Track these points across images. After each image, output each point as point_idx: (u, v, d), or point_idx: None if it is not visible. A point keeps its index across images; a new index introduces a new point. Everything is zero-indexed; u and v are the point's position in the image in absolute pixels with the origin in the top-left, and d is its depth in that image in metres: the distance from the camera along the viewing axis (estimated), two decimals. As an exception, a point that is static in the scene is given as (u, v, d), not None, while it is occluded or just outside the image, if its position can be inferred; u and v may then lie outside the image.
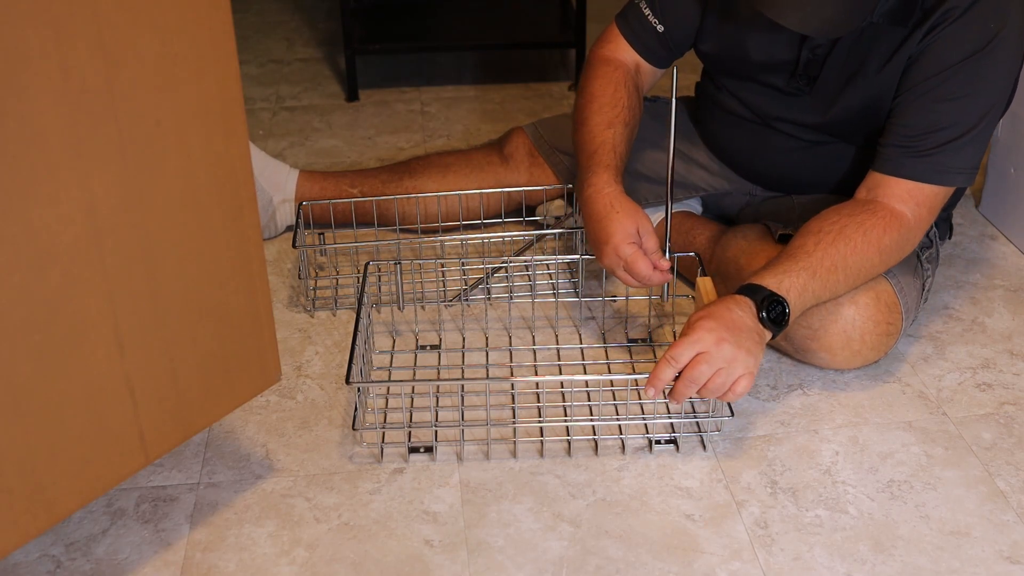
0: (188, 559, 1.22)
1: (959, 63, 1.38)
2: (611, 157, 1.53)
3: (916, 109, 1.42)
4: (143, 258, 1.04)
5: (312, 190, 1.83)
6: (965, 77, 1.39)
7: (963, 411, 1.44)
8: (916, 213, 1.41)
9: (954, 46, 1.38)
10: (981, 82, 1.39)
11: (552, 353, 1.56)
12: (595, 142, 1.54)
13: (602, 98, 1.59)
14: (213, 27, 1.03)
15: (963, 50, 1.38)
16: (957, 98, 1.40)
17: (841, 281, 1.37)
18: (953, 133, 1.40)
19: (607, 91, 1.59)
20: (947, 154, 1.40)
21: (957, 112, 1.40)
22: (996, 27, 1.37)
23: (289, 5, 3.09)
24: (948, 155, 1.40)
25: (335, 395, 1.48)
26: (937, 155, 1.40)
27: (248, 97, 2.45)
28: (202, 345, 1.14)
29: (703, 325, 1.28)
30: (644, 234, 1.45)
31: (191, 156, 1.05)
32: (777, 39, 1.51)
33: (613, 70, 1.61)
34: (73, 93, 0.93)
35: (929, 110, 1.41)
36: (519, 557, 1.22)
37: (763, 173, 1.70)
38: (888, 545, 1.24)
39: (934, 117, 1.40)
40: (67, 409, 1.02)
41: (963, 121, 1.40)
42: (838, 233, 1.37)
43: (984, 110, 1.41)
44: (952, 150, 1.40)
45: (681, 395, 1.29)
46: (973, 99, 1.40)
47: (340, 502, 1.30)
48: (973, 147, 1.42)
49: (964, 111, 1.40)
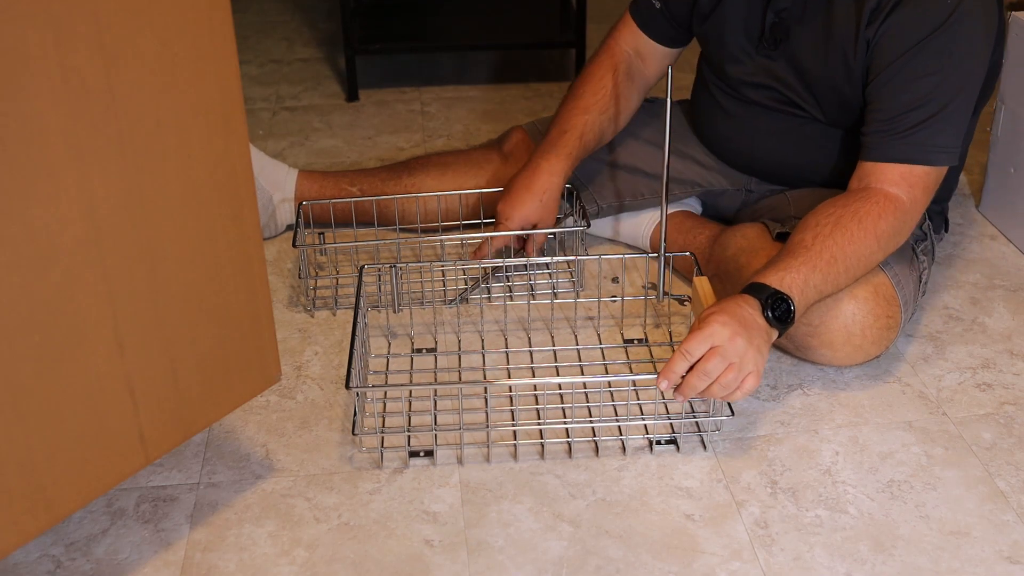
0: (188, 559, 1.22)
1: (921, 41, 1.41)
2: (575, 145, 1.65)
3: (888, 92, 1.44)
4: (143, 258, 1.04)
5: (312, 190, 1.83)
6: (929, 54, 1.41)
7: (963, 411, 1.44)
8: (911, 195, 1.43)
9: (912, 26, 1.41)
10: (947, 58, 1.41)
11: (549, 354, 1.56)
12: (567, 124, 1.66)
13: (588, 83, 1.69)
14: (213, 27, 1.03)
15: (922, 28, 1.40)
16: (925, 76, 1.42)
17: (842, 272, 1.37)
18: (928, 111, 1.42)
19: (595, 75, 1.69)
20: (925, 132, 1.42)
21: (928, 89, 1.42)
22: (954, 2, 1.39)
23: (289, 5, 3.09)
24: (928, 133, 1.42)
25: (335, 395, 1.48)
26: (917, 134, 1.42)
27: (248, 97, 2.45)
28: (202, 345, 1.14)
29: (717, 319, 1.28)
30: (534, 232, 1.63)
31: (191, 156, 1.05)
32: (753, 6, 1.56)
33: (608, 57, 1.70)
34: (73, 93, 0.93)
35: (900, 90, 1.43)
36: (519, 557, 1.22)
37: (753, 160, 1.71)
38: (888, 545, 1.24)
39: (906, 97, 1.43)
40: (67, 409, 1.02)
41: (936, 98, 1.42)
42: (834, 224, 1.38)
43: (956, 86, 1.43)
44: (931, 127, 1.42)
45: (692, 388, 1.28)
46: (942, 75, 1.42)
47: (340, 502, 1.30)
48: (952, 124, 1.44)
49: (935, 88, 1.42)
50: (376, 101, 2.45)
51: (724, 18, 1.60)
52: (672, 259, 1.64)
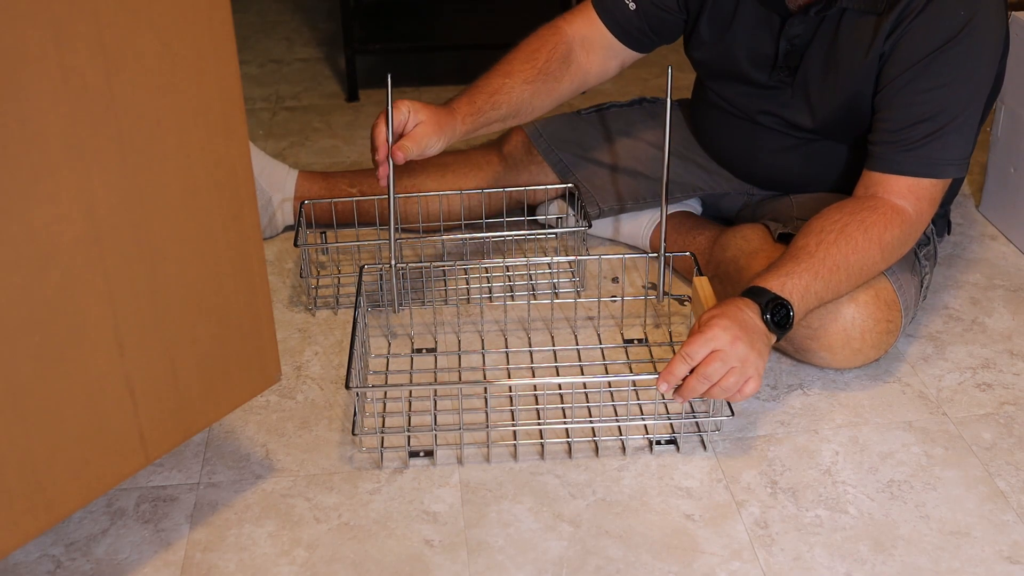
0: (188, 559, 1.22)
1: (932, 53, 1.39)
2: (482, 101, 1.54)
3: (898, 103, 1.43)
4: (143, 258, 1.04)
5: (312, 190, 1.83)
6: (940, 67, 1.40)
7: (963, 411, 1.44)
8: (917, 207, 1.42)
9: (924, 37, 1.39)
10: (958, 70, 1.40)
11: (549, 354, 1.56)
12: (484, 82, 1.56)
13: (523, 52, 1.60)
14: (213, 27, 1.03)
15: (934, 40, 1.39)
16: (935, 88, 1.40)
17: (844, 280, 1.37)
18: (937, 124, 1.40)
19: (530, 46, 1.60)
20: (935, 145, 1.41)
21: (938, 102, 1.40)
22: (967, 15, 1.38)
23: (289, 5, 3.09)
24: (936, 146, 1.41)
25: (335, 395, 1.48)
26: (925, 147, 1.41)
27: (248, 97, 2.45)
28: (202, 345, 1.14)
29: (717, 323, 1.27)
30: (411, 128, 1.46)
31: (191, 156, 1.05)
32: (759, 34, 1.53)
33: (551, 34, 1.62)
34: (73, 93, 0.93)
35: (910, 102, 1.42)
36: (519, 557, 1.22)
37: (756, 173, 1.70)
38: (888, 545, 1.24)
39: (916, 109, 1.41)
40: (67, 409, 1.02)
41: (945, 111, 1.40)
42: (840, 232, 1.37)
43: (966, 99, 1.41)
44: (939, 140, 1.41)
45: (692, 391, 1.28)
46: (952, 88, 1.40)
47: (340, 502, 1.30)
48: (961, 137, 1.42)
49: (945, 100, 1.40)
50: (376, 101, 2.45)
51: (731, 46, 1.57)
52: (672, 259, 1.63)
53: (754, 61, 1.56)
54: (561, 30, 1.63)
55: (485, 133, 1.60)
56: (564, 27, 1.63)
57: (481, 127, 1.56)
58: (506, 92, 1.56)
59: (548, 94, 1.61)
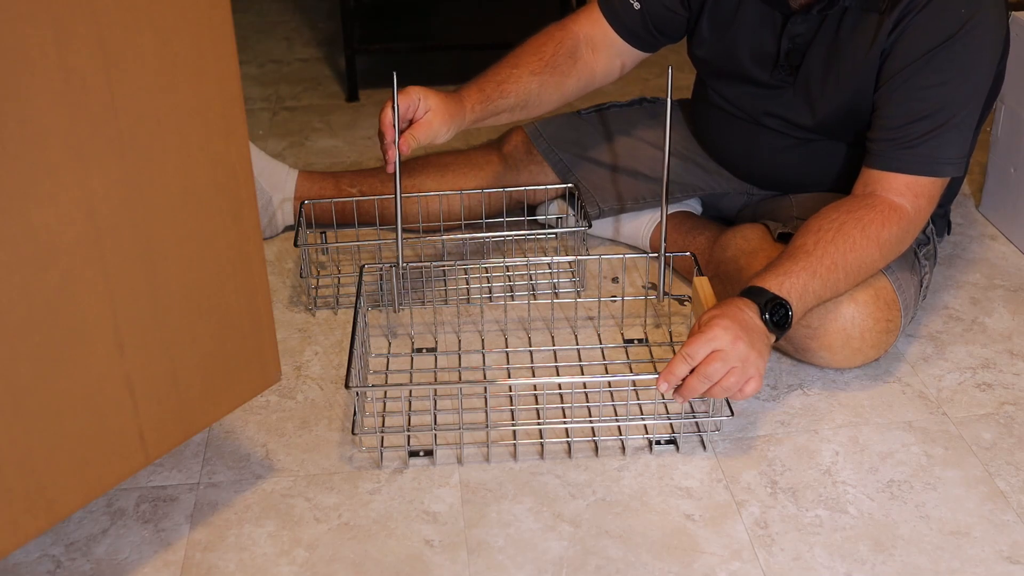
0: (188, 559, 1.22)
1: (932, 51, 1.39)
2: (491, 89, 1.56)
3: (896, 100, 1.43)
4: (143, 258, 1.04)
5: (312, 190, 1.83)
6: (940, 64, 1.40)
7: (963, 411, 1.44)
8: (915, 205, 1.42)
9: (925, 34, 1.39)
10: (957, 69, 1.40)
11: (549, 354, 1.56)
12: (492, 72, 1.59)
13: (530, 46, 1.62)
14: (213, 27, 1.03)
15: (934, 38, 1.39)
16: (935, 86, 1.40)
17: (842, 279, 1.37)
18: (936, 121, 1.40)
19: (538, 41, 1.62)
20: (933, 143, 1.41)
21: (937, 100, 1.40)
22: (968, 13, 1.38)
23: (289, 5, 3.09)
24: (935, 144, 1.41)
25: (335, 395, 1.48)
26: (924, 145, 1.41)
27: (248, 97, 2.45)
28: (202, 345, 1.14)
29: (718, 323, 1.27)
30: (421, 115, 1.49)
31: (191, 156, 1.05)
32: (761, 33, 1.53)
33: (558, 30, 1.64)
34: (73, 93, 0.93)
35: (909, 99, 1.42)
36: (519, 557, 1.22)
37: (756, 172, 1.70)
38: (888, 545, 1.24)
39: (915, 106, 1.41)
40: (67, 409, 1.02)
41: (944, 109, 1.40)
42: (837, 231, 1.37)
43: (965, 97, 1.41)
44: (938, 138, 1.41)
45: (693, 391, 1.27)
46: (951, 86, 1.40)
47: (340, 502, 1.30)
48: (959, 135, 1.42)
49: (944, 98, 1.40)
50: (376, 101, 2.45)
51: (733, 44, 1.57)
52: (672, 259, 1.64)
53: (756, 60, 1.56)
54: (567, 28, 1.65)
55: (493, 124, 1.61)
56: (570, 26, 1.65)
57: (490, 116, 1.57)
58: (514, 81, 1.58)
59: (555, 88, 1.62)
